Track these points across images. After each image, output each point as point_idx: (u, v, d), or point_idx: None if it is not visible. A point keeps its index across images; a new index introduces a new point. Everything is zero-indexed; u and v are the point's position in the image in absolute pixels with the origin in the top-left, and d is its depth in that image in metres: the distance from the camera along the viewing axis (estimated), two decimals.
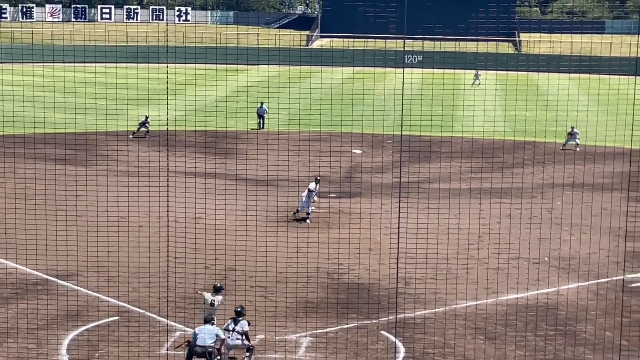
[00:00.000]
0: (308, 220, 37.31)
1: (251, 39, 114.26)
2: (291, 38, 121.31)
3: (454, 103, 54.01)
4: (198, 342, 22.48)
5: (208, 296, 24.39)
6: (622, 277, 29.54)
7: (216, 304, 24.27)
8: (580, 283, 30.33)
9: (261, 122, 63.83)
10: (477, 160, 49.03)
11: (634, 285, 30.07)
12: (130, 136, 56.85)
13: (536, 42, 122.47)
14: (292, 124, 50.23)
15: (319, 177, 39.09)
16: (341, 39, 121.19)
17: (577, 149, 56.65)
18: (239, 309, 23.63)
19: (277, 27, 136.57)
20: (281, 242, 30.35)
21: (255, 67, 74.30)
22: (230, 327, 23.34)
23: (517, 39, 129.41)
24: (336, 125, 45.12)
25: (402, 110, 24.19)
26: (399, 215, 27.29)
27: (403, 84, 23.99)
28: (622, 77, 67.82)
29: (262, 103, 63.12)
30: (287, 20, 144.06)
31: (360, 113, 43.21)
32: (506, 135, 55.54)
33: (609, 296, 28.94)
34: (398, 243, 25.17)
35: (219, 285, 24.96)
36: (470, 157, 49.69)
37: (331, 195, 42.13)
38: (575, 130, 57.04)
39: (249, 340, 23.29)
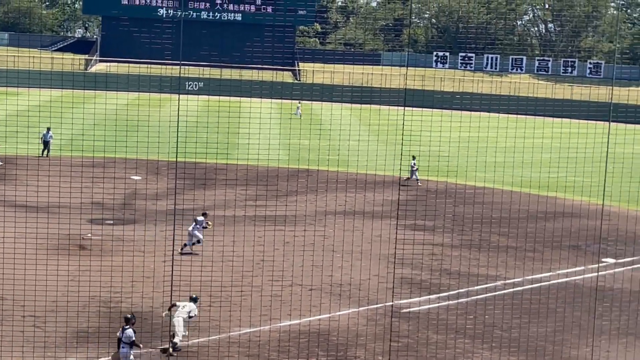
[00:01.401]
0: (189, 249, 37.08)
1: (27, 62, 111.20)
2: (69, 62, 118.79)
3: (229, 130, 54.27)
4: None
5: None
6: (392, 302, 30.41)
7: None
8: (353, 309, 31.04)
9: (46, 148, 61.32)
10: (253, 187, 49.40)
11: (404, 310, 31.02)
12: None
13: (315, 72, 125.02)
14: (66, 150, 49.15)
15: (206, 212, 38.97)
16: (121, 64, 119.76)
17: (419, 183, 56.73)
18: (127, 316, 24.25)
19: (55, 50, 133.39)
20: (54, 270, 29.53)
21: (30, 90, 72.30)
22: (119, 334, 24.00)
23: (296, 68, 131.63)
24: (111, 151, 44.54)
25: (178, 136, 24.15)
26: (173, 242, 27.18)
27: (178, 110, 23.96)
28: (392, 107, 70.22)
29: (48, 129, 60.74)
30: (65, 44, 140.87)
31: (137, 139, 42.76)
32: (282, 163, 56.33)
33: (380, 321, 29.71)
34: (172, 270, 25.04)
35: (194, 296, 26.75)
36: (246, 185, 50.02)
37: (107, 222, 41.54)
38: (414, 162, 56.23)
39: (138, 347, 23.98)
